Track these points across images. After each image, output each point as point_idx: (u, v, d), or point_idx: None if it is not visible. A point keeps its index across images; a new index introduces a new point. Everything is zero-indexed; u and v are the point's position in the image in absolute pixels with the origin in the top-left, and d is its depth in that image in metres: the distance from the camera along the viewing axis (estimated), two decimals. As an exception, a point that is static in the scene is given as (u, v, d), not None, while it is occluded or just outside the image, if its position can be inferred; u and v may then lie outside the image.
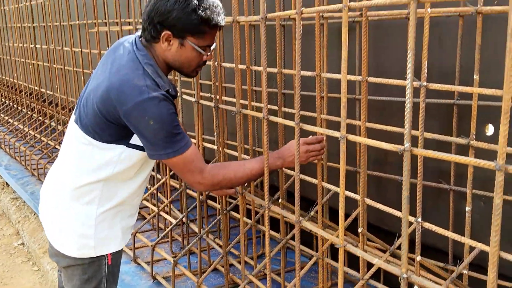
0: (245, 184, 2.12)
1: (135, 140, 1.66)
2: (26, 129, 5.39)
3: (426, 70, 1.45)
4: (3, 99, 6.88)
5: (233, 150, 2.53)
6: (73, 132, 1.72)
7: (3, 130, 5.93)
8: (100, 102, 1.59)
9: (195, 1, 1.57)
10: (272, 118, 1.80)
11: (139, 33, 1.73)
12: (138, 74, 1.59)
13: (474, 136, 1.62)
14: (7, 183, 4.61)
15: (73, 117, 1.76)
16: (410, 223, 1.63)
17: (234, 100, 2.21)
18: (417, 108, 1.58)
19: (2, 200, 4.38)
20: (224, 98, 2.63)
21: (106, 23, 3.56)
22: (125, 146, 1.67)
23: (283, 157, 1.82)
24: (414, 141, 1.61)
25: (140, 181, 1.80)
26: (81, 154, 1.70)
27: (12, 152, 5.23)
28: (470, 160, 1.09)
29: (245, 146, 2.56)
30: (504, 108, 0.98)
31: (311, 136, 1.85)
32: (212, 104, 2.29)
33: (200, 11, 1.57)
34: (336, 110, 2.31)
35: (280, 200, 2.26)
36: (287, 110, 2.34)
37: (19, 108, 6.12)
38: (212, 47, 1.71)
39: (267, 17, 1.64)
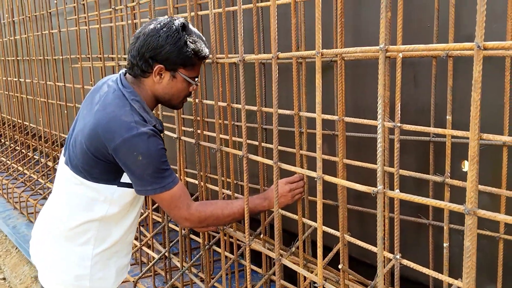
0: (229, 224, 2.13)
1: (126, 178, 1.68)
2: (9, 162, 5.34)
3: (399, 112, 1.49)
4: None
5: (216, 184, 2.54)
6: (64, 174, 1.73)
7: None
8: (88, 140, 1.61)
9: (185, 35, 1.65)
10: (252, 156, 1.82)
11: (122, 71, 1.76)
12: (125, 110, 1.61)
13: (449, 174, 1.66)
14: (-12, 217, 4.55)
15: (62, 159, 1.77)
16: (390, 260, 1.65)
17: (215, 134, 2.23)
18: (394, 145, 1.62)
19: (-17, 235, 4.33)
20: (206, 132, 2.65)
21: (89, 58, 3.59)
22: (116, 186, 1.68)
23: (269, 199, 1.86)
24: (393, 178, 1.65)
25: (132, 218, 1.81)
26: (74, 195, 1.71)
27: (-6, 185, 5.18)
28: (441, 203, 1.12)
29: (227, 180, 2.58)
30: (471, 155, 1.02)
31: (295, 175, 1.89)
32: (193, 141, 2.31)
33: (190, 43, 1.66)
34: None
35: (261, 236, 2.26)
36: (268, 145, 2.37)
37: (2, 140, 6.08)
38: (197, 78, 1.78)
39: (245, 59, 1.67)
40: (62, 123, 4.41)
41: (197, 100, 2.34)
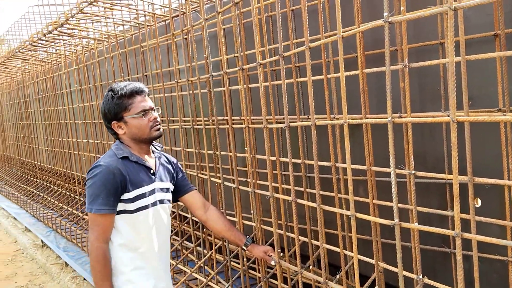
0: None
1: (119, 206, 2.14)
2: (80, 214, 5.95)
3: (413, 162, 1.92)
4: (55, 188, 7.54)
5: (267, 225, 2.98)
6: None
7: (57, 216, 6.52)
8: None
9: (110, 92, 2.16)
10: (299, 200, 2.27)
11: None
12: (105, 154, 2.19)
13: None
14: (66, 264, 5.11)
15: None
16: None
17: (267, 183, 2.68)
18: (420, 186, 2.01)
19: (62, 279, 4.86)
20: (258, 181, 3.12)
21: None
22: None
23: None
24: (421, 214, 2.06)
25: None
26: None
27: (68, 235, 5.77)
28: (433, 229, 1.54)
29: (279, 221, 3.03)
30: (455, 194, 1.45)
31: None
32: (249, 189, 2.78)
33: (114, 95, 2.14)
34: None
35: (310, 267, 2.68)
36: (312, 191, 2.82)
37: (72, 195, 6.73)
38: (152, 109, 2.20)
39: (290, 125, 2.15)
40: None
41: (251, 155, 2.83)
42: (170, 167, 2.40)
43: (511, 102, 1.98)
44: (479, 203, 2.35)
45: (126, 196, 2.11)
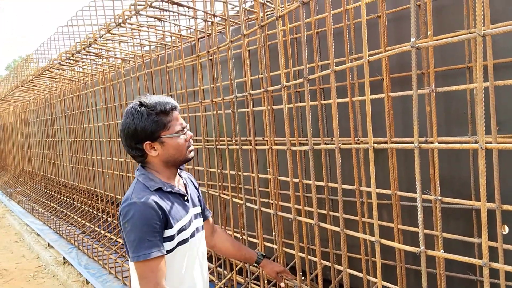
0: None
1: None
2: (102, 232, 5.99)
3: (439, 188, 1.89)
4: (78, 204, 7.62)
5: (288, 247, 2.96)
6: None
7: (80, 233, 6.58)
8: None
9: (144, 108, 1.82)
10: (322, 224, 2.25)
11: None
12: (131, 187, 1.86)
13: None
14: (87, 281, 5.12)
15: None
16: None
17: (289, 205, 2.67)
18: (445, 211, 1.98)
19: (83, 297, 4.89)
20: (280, 203, 3.11)
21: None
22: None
23: None
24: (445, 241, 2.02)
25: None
26: None
27: (89, 252, 5.80)
28: (459, 257, 1.51)
29: (301, 244, 3.00)
30: (483, 223, 1.41)
31: None
32: (272, 211, 2.76)
33: (151, 111, 1.82)
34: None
35: (332, 292, 2.64)
36: (335, 214, 2.79)
37: (95, 212, 6.78)
38: (186, 128, 1.93)
39: (313, 148, 2.15)
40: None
41: (273, 176, 2.82)
42: (195, 188, 2.19)
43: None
44: (506, 230, 2.29)
45: (167, 233, 1.84)
